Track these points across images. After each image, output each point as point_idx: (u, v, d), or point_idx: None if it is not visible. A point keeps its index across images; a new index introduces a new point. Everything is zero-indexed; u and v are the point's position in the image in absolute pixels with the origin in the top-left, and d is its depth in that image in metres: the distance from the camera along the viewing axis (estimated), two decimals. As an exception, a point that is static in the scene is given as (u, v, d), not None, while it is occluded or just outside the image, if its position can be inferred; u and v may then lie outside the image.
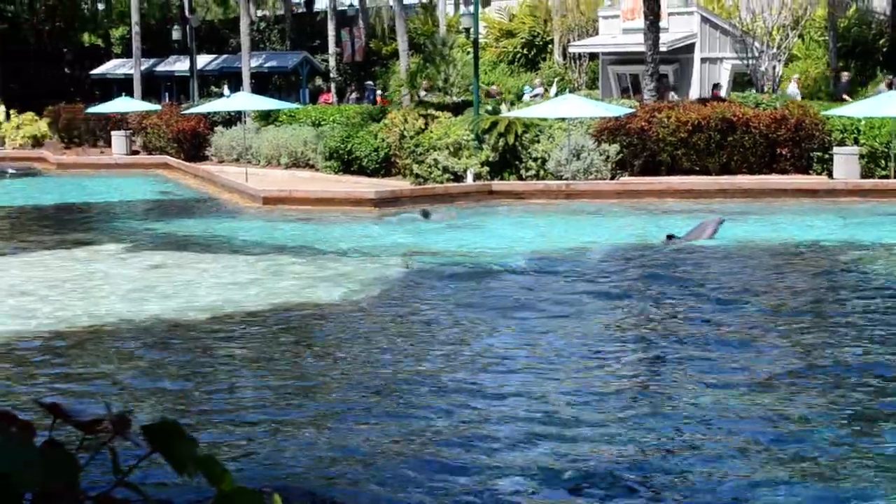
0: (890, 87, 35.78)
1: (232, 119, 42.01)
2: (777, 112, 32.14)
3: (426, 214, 26.01)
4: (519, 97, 42.41)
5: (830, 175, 30.75)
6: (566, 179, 30.65)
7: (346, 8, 56.54)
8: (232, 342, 14.02)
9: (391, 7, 44.85)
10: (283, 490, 8.45)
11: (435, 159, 31.47)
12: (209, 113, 41.33)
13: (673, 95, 38.13)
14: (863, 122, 31.23)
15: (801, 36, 43.86)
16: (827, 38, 41.90)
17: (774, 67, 41.48)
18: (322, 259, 20.43)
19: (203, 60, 55.58)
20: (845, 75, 38.79)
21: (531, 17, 52.10)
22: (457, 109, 35.19)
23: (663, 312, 15.50)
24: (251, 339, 14.19)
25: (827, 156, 31.18)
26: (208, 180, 36.22)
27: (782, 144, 31.47)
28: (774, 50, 41.58)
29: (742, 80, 43.36)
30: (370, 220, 26.29)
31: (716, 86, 38.95)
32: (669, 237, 22.26)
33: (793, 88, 37.38)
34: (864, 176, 30.53)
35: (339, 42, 53.02)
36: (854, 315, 14.90)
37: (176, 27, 55.82)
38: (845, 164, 30.55)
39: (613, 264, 19.86)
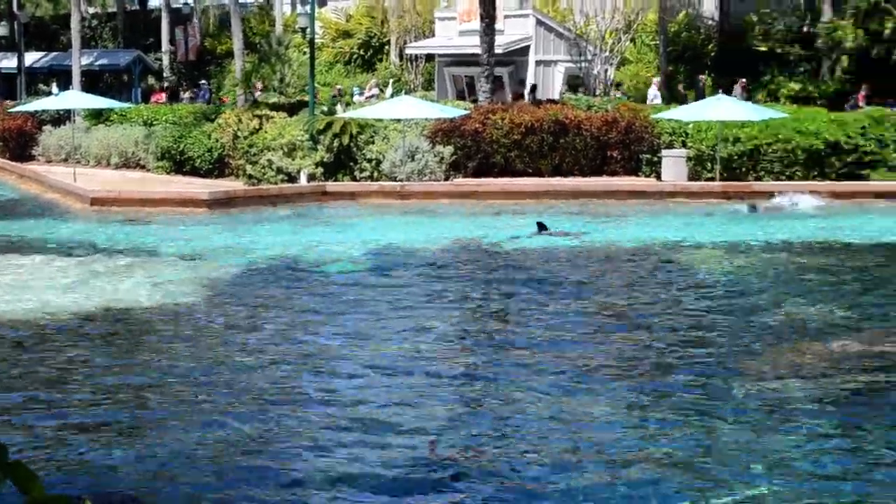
0: (744, 89, 36.71)
1: (61, 118, 40.96)
2: (608, 115, 32.66)
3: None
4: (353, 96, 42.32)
5: (659, 177, 31.38)
6: (401, 180, 30.65)
7: (180, 6, 55.64)
8: (53, 345, 13.62)
9: (226, 5, 44.27)
10: (97, 497, 8.23)
11: (269, 160, 31.18)
12: (37, 111, 40.23)
13: (532, 96, 38.39)
14: (690, 126, 31.94)
15: (632, 40, 44.68)
16: (658, 42, 42.74)
17: (607, 71, 42.17)
18: (150, 261, 20.03)
19: (32, 57, 54.18)
20: (701, 78, 39.61)
21: (368, 18, 52.04)
22: (292, 110, 34.92)
23: (491, 311, 15.57)
24: (72, 342, 13.79)
25: (656, 158, 31.81)
26: (34, 180, 35.27)
27: (613, 147, 31.99)
28: (607, 53, 42.27)
29: (576, 83, 43.95)
30: (201, 221, 25.86)
31: (533, 87, 39.38)
32: (541, 227, 22.84)
33: (653, 91, 38.02)
34: (691, 178, 31.23)
35: (172, 40, 52.19)
36: (679, 313, 15.17)
37: (3, 23, 54.28)
38: (673, 167, 31.22)
39: (445, 265, 19.89)
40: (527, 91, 38.85)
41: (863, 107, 34.62)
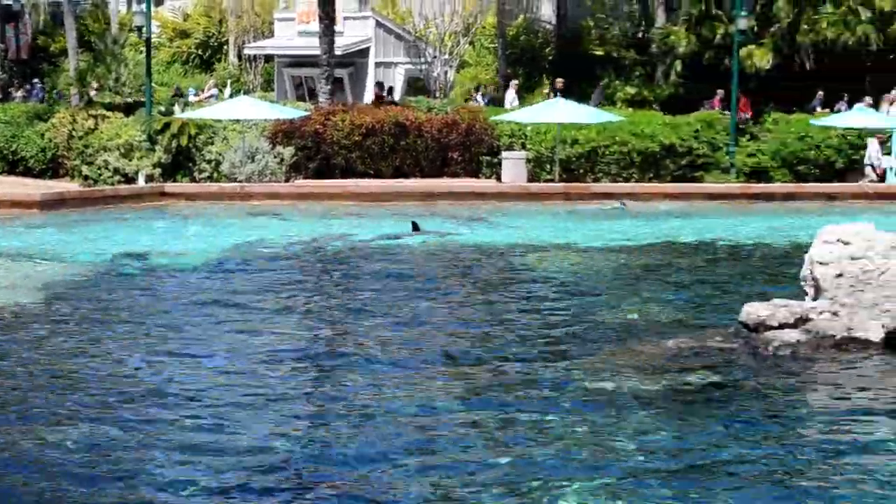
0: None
1: None
2: (448, 117, 32.84)
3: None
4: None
5: (499, 178, 31.69)
6: (240, 182, 30.34)
7: (10, 2, 54.07)
8: None
9: (59, 3, 43.23)
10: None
11: (105, 160, 30.55)
12: None
13: (393, 98, 38.32)
14: (529, 128, 32.35)
15: (472, 43, 45.02)
16: (497, 45, 43.14)
17: (447, 73, 42.42)
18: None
19: None
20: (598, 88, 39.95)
21: (206, 18, 51.41)
22: (128, 110, 34.30)
23: (326, 312, 15.51)
24: None
25: (496, 160, 32.12)
26: None
27: (453, 148, 32.19)
28: (447, 56, 42.53)
29: (416, 85, 44.12)
30: (32, 223, 25.18)
31: (379, 85, 39.39)
32: (415, 228, 23.26)
33: (511, 94, 38.26)
34: (530, 179, 31.63)
35: (3, 38, 50.76)
36: (519, 311, 15.32)
37: None
38: (513, 168, 31.57)
39: (284, 266, 19.76)
40: (384, 91, 38.74)
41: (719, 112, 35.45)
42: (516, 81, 39.42)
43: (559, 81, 38.18)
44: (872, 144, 32.54)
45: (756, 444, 9.61)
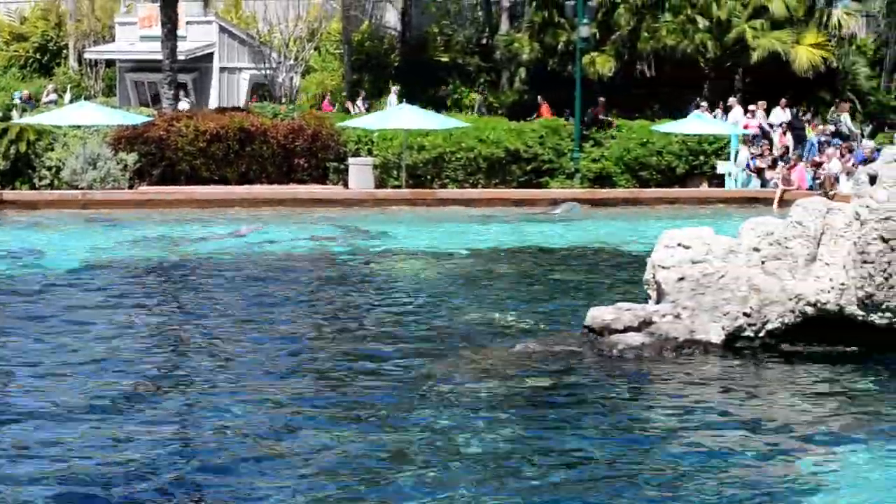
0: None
1: None
2: (294, 123, 32.69)
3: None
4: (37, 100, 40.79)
5: (346, 185, 31.64)
6: (82, 189, 29.70)
7: None
8: None
9: None
10: None
11: (-61, 168, 29.66)
12: None
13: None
14: (376, 134, 32.38)
15: (317, 48, 44.91)
16: (342, 51, 43.09)
17: (292, 79, 42.25)
18: None
19: None
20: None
21: (44, 21, 50.27)
22: (-36, 115, 33.36)
23: (168, 321, 15.25)
24: None
25: (343, 166, 32.06)
26: None
27: (300, 155, 32.04)
28: (292, 61, 42.34)
29: (262, 91, 43.84)
30: None
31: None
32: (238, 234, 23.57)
33: (392, 99, 38.18)
34: (378, 186, 31.65)
35: None
36: (371, 318, 15.29)
37: None
38: (360, 175, 31.56)
39: (125, 274, 19.38)
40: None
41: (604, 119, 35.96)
42: (397, 87, 39.43)
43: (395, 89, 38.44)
44: (743, 151, 33.17)
45: (601, 445, 9.73)
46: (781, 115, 36.26)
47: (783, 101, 36.70)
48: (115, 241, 23.34)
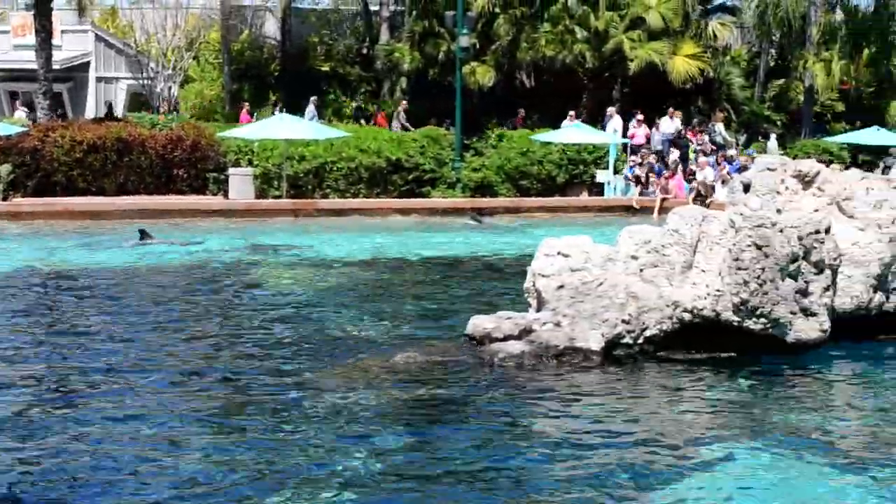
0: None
1: None
2: (173, 133, 32.31)
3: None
4: None
5: (226, 195, 31.34)
6: (-47, 201, 28.99)
7: None
8: None
9: None
10: None
11: None
12: None
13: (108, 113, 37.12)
14: (256, 145, 32.13)
15: (196, 58, 44.46)
16: (221, 60, 42.71)
17: (171, 88, 41.78)
18: None
19: None
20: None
21: (-87, 29, 48.97)
22: None
23: (48, 337, 14.94)
24: None
25: (223, 176, 31.76)
26: None
27: (179, 165, 31.68)
28: (170, 71, 41.86)
29: (139, 101, 43.28)
30: None
31: (109, 105, 38.55)
32: (143, 234, 23.53)
33: (310, 109, 37.75)
34: (258, 196, 31.40)
35: None
36: (248, 330, 15.14)
37: None
38: (240, 185, 31.28)
39: (6, 288, 18.95)
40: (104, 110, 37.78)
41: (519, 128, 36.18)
42: (314, 98, 39.04)
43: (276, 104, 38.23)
44: (706, 170, 33.12)
45: (480, 453, 9.75)
46: (670, 124, 36.73)
47: (671, 110, 37.19)
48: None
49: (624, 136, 36.10)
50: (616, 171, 34.31)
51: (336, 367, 12.80)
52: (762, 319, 13.07)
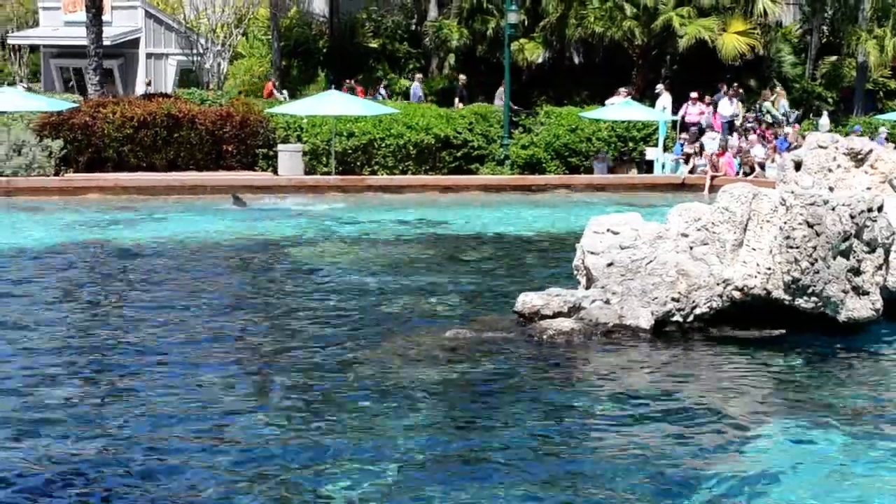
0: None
1: None
2: (222, 109, 32.45)
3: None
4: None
5: (276, 171, 31.46)
6: (6, 176, 29.27)
7: None
8: None
9: None
10: None
11: None
12: None
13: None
14: (305, 121, 32.22)
15: (245, 34, 44.57)
16: (270, 37, 42.79)
17: (220, 64, 41.90)
18: None
19: None
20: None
21: (-35, 6, 49.49)
22: None
23: (101, 313, 15.10)
24: None
25: (272, 153, 31.89)
26: None
27: (228, 141, 31.82)
28: (219, 47, 41.98)
29: (189, 78, 43.47)
30: None
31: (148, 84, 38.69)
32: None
33: (415, 87, 37.92)
34: (307, 172, 31.51)
35: None
36: (297, 306, 15.22)
37: None
38: (289, 161, 31.39)
39: (55, 264, 19.13)
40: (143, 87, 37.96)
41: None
42: (420, 76, 39.09)
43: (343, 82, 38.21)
44: (755, 147, 32.98)
45: (531, 430, 9.78)
46: (729, 107, 36.36)
47: (731, 91, 36.85)
48: (40, 228, 23.05)
49: (674, 113, 35.85)
50: (665, 149, 34.16)
51: (386, 344, 12.86)
52: (813, 298, 13.00)
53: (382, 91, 38.43)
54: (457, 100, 37.02)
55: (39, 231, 22.73)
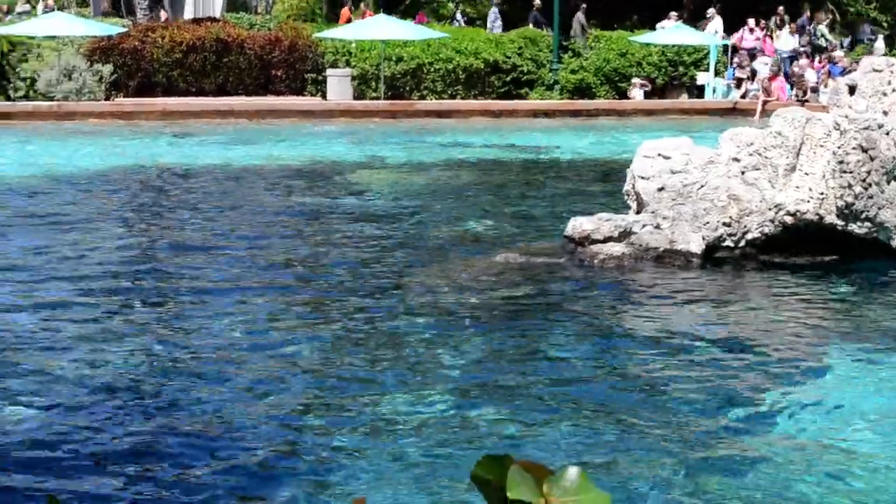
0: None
1: None
2: (271, 34, 32.40)
3: None
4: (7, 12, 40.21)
5: (325, 96, 31.45)
6: (58, 100, 29.46)
7: None
8: None
9: None
10: None
11: (-88, 79, 29.32)
12: None
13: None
14: (354, 45, 32.12)
15: (294, -43, 44.33)
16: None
17: (268, -11, 41.76)
18: None
19: None
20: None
21: (15, -70, 49.41)
22: (-65, 26, 32.88)
23: (156, 237, 15.23)
24: None
25: (321, 77, 31.85)
26: None
27: (277, 66, 31.79)
28: (268, -29, 41.83)
29: (237, 3, 43.33)
30: None
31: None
32: None
33: (494, 12, 37.58)
34: (356, 97, 31.47)
35: None
36: (350, 232, 15.28)
37: None
38: (338, 86, 31.36)
39: (106, 187, 19.28)
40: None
41: None
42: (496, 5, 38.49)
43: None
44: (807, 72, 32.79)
45: (581, 354, 9.80)
46: (790, 41, 35.75)
47: (792, 25, 36.23)
48: (92, 152, 23.22)
49: (725, 37, 35.42)
50: (717, 74, 33.81)
51: (435, 268, 12.90)
52: (866, 223, 12.89)
53: (459, 17, 38.13)
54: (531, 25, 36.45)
55: (91, 155, 22.88)
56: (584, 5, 35.49)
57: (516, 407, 8.45)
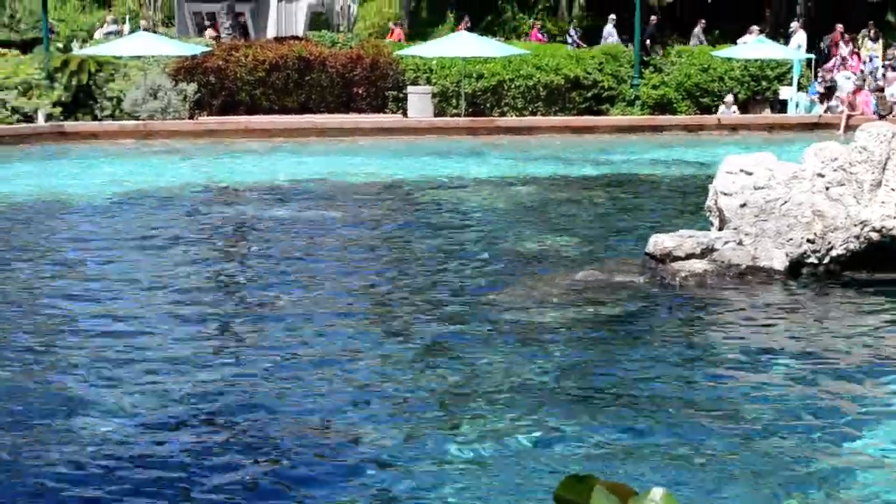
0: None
1: None
2: (352, 52, 32.64)
3: None
4: (90, 34, 40.91)
5: (405, 114, 31.61)
6: (143, 119, 29.91)
7: None
8: None
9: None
10: None
11: (2, 100, 29.89)
12: None
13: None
14: (434, 62, 32.26)
15: (375, -24, 44.69)
16: (400, -22, 42.89)
17: (350, 7, 42.11)
18: None
19: None
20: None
21: (102, -48, 50.35)
22: (25, 47, 33.58)
23: (234, 258, 15.40)
24: None
25: (401, 95, 32.02)
26: None
27: (358, 83, 32.03)
28: (349, -10, 42.18)
29: (319, 21, 43.73)
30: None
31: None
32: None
33: (608, 28, 37.67)
34: (437, 114, 31.60)
35: None
36: (430, 248, 15.34)
37: None
38: (419, 103, 31.51)
39: (190, 205, 19.54)
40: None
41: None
42: (613, 16, 38.22)
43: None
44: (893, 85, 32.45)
45: (662, 371, 9.74)
46: (871, 47, 35.32)
47: (872, 32, 35.81)
48: (178, 171, 23.54)
49: (808, 51, 35.05)
50: (800, 88, 33.47)
51: (516, 284, 12.90)
52: (954, 240, 12.69)
53: (572, 32, 38.11)
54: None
55: (176, 173, 23.20)
56: (654, 18, 35.24)
57: (600, 425, 8.42)
